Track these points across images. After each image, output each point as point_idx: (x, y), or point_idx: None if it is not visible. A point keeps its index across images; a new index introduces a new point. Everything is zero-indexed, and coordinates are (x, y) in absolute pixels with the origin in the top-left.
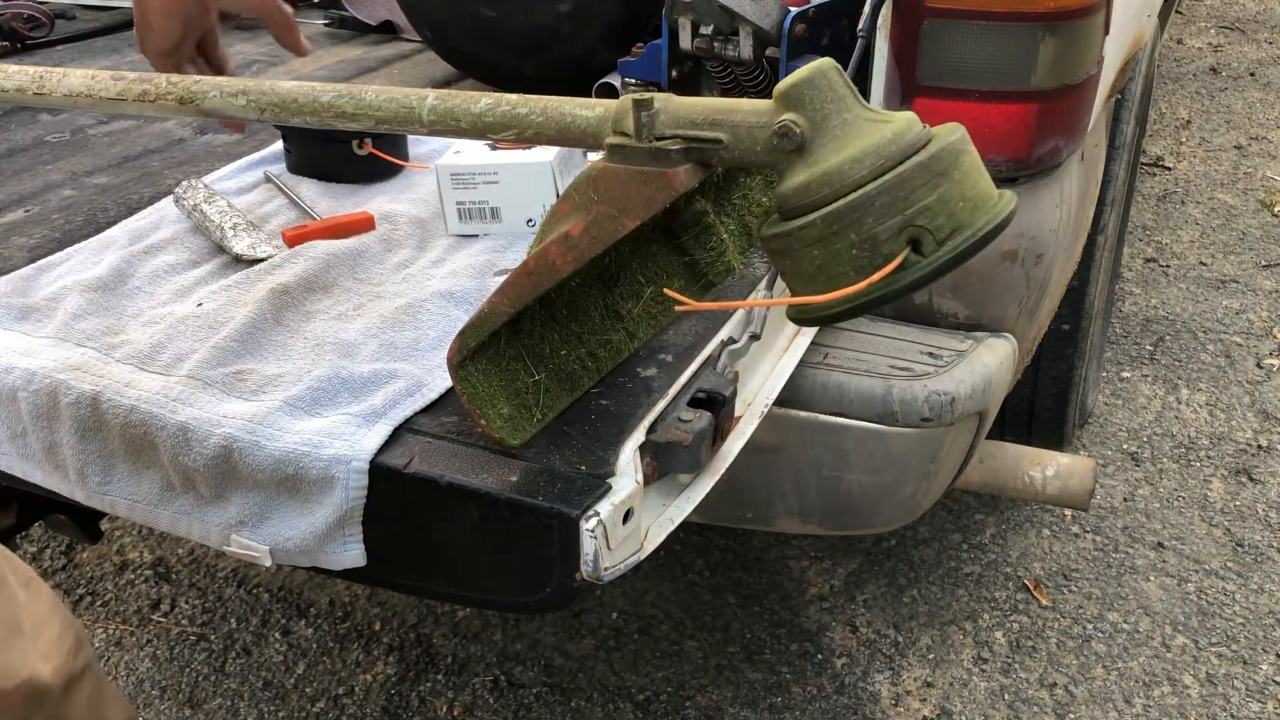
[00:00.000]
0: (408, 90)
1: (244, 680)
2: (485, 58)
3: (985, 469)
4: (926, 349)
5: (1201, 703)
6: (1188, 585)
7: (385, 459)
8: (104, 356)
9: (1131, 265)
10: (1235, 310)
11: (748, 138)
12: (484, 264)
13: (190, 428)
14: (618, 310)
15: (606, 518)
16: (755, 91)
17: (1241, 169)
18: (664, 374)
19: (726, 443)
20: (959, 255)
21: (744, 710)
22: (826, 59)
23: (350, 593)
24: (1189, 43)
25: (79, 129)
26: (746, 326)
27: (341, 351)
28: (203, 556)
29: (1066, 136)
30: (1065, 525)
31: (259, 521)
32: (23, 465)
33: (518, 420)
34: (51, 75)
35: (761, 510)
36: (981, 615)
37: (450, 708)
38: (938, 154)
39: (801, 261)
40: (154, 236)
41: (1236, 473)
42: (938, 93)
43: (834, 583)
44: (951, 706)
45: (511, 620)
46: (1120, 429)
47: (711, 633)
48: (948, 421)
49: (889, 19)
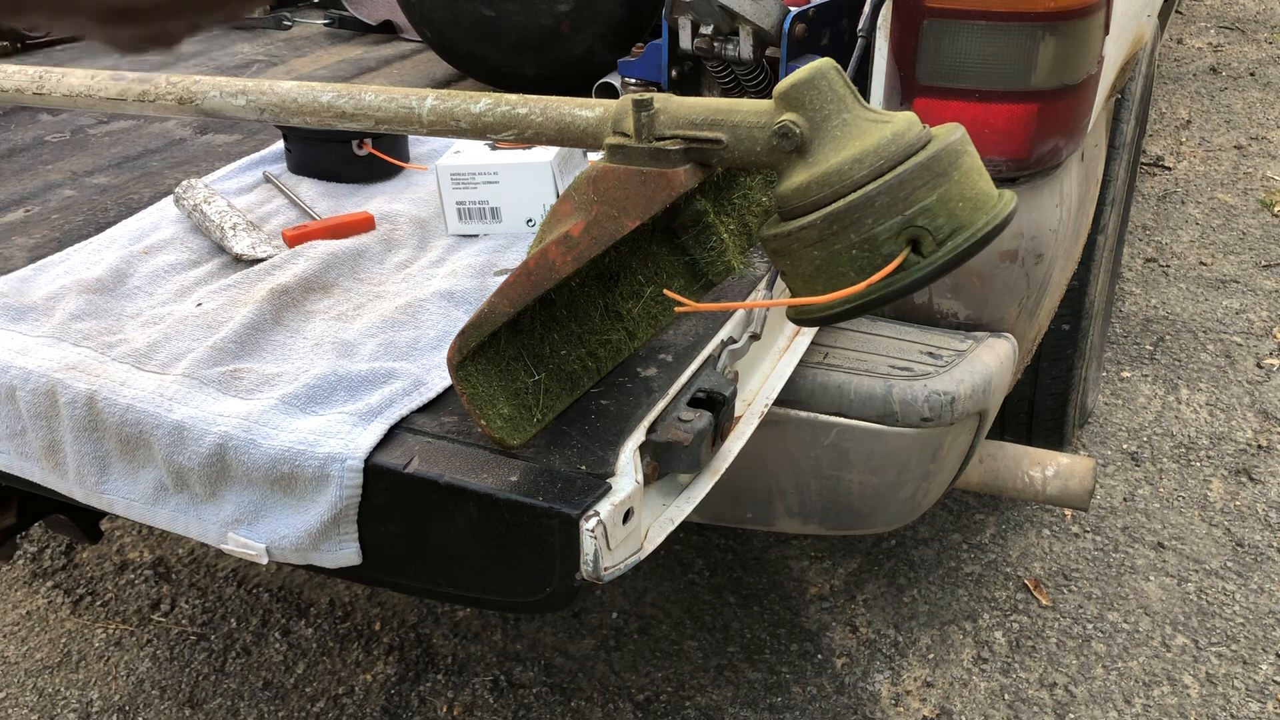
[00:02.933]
0: (408, 90)
1: (244, 680)
2: (485, 58)
3: (985, 469)
4: (926, 349)
5: (1201, 703)
6: (1188, 585)
7: (384, 459)
8: (100, 356)
9: (1131, 265)
10: (1235, 310)
11: (748, 138)
12: (484, 264)
13: (186, 426)
14: (618, 310)
15: (606, 518)
16: (755, 91)
17: (1241, 169)
18: (664, 374)
19: (726, 443)
20: (959, 255)
21: (744, 710)
22: (826, 59)
23: (350, 593)
24: (1189, 43)
25: (79, 129)
26: (746, 326)
27: (340, 351)
28: (203, 556)
29: (1066, 136)
30: (1065, 525)
31: (255, 519)
32: (22, 464)
33: (518, 420)
34: (51, 75)
35: (761, 510)
36: (981, 615)
37: (450, 708)
38: (937, 154)
39: (801, 262)
40: (154, 236)
41: (1236, 473)
42: (938, 93)
43: (834, 583)
44: (951, 706)
45: (511, 620)
46: (1120, 429)
47: (711, 633)
48: (948, 421)
49: (889, 19)
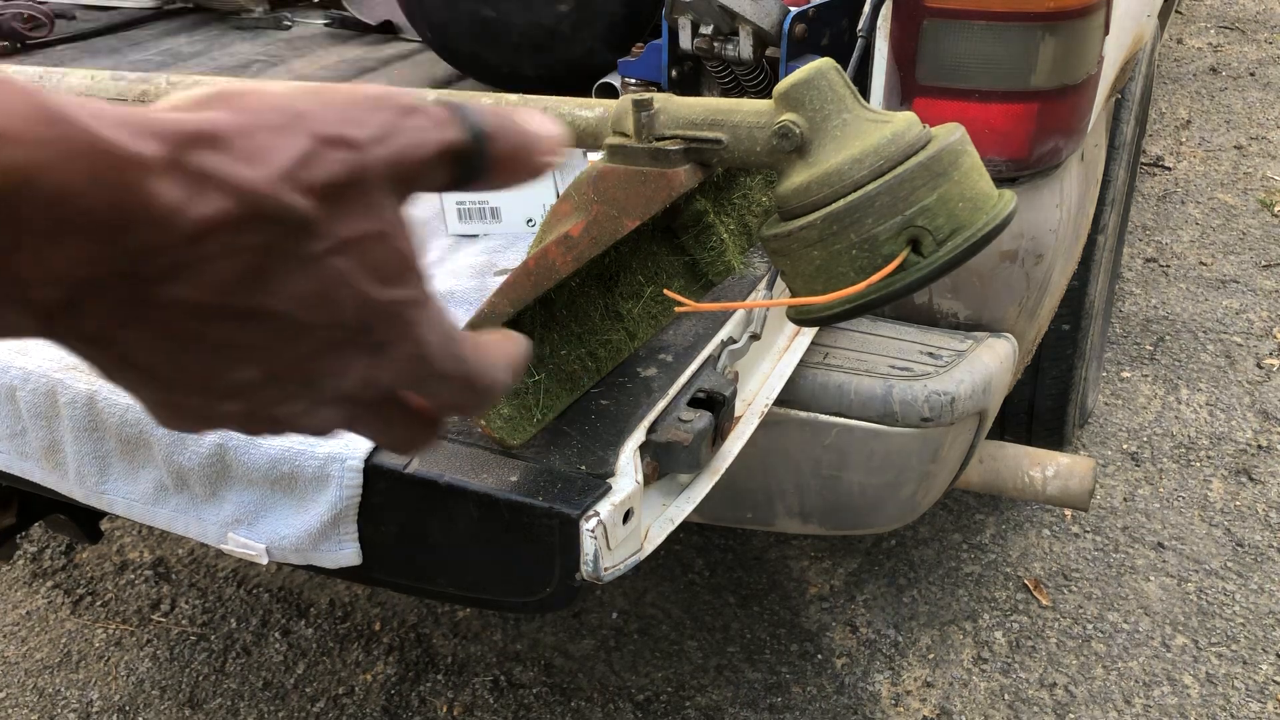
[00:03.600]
0: (408, 90)
1: (244, 680)
2: (485, 58)
3: (985, 469)
4: (926, 349)
5: (1201, 703)
6: (1188, 585)
7: (384, 459)
8: None
9: (1131, 265)
10: (1235, 310)
11: (747, 138)
12: (484, 264)
13: None
14: (618, 310)
15: (606, 518)
16: (755, 91)
17: (1241, 169)
18: (664, 374)
19: (726, 443)
20: (959, 255)
21: (744, 710)
22: (826, 59)
23: (350, 593)
24: (1189, 43)
25: None
26: (746, 326)
27: None
28: (203, 556)
29: (1066, 136)
30: (1065, 525)
31: (255, 520)
32: (22, 464)
33: (518, 420)
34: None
35: (761, 510)
36: (981, 615)
37: (450, 708)
38: (937, 154)
39: (801, 262)
40: None
41: (1236, 473)
42: (938, 93)
43: (834, 583)
44: (951, 706)
45: (511, 620)
46: (1120, 429)
47: (711, 633)
48: (948, 421)
49: (889, 19)
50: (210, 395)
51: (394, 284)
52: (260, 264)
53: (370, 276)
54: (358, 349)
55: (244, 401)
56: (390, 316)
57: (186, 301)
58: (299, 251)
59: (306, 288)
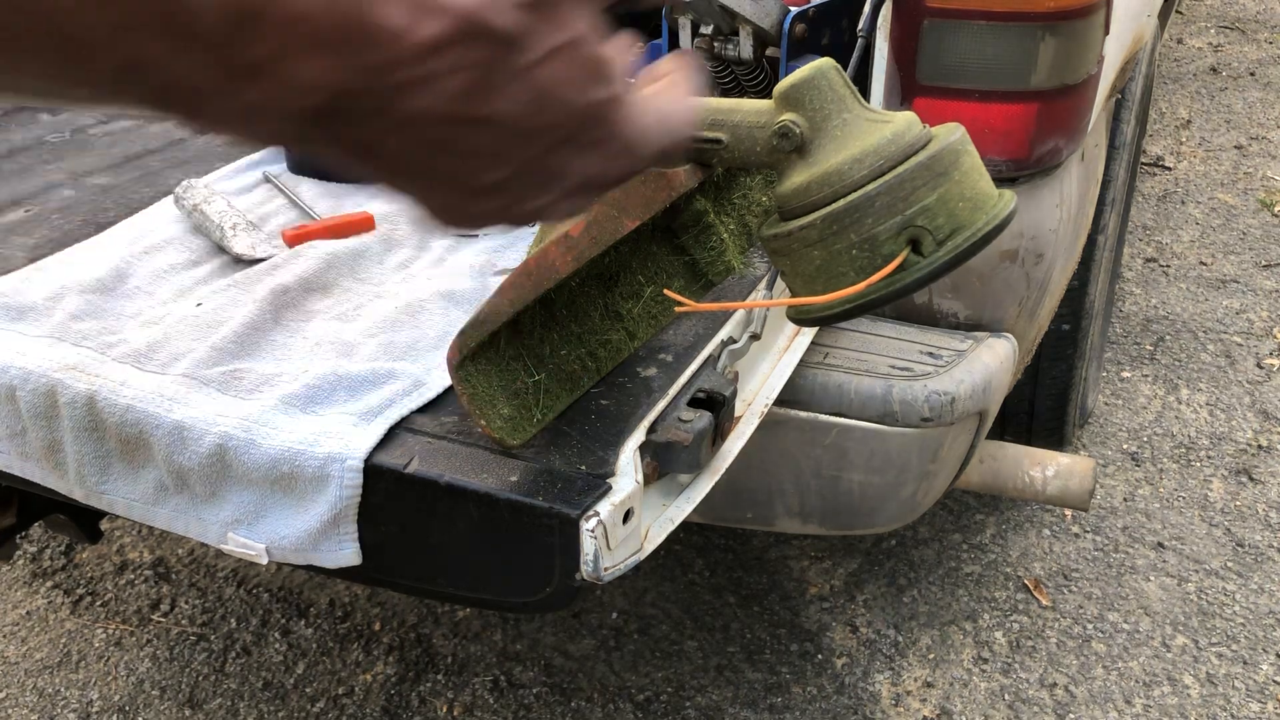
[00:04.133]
0: None
1: (244, 680)
2: None
3: (985, 469)
4: (926, 349)
5: (1201, 703)
6: (1188, 585)
7: (384, 459)
8: (100, 356)
9: (1131, 265)
10: (1235, 310)
11: (747, 138)
12: (484, 264)
13: (185, 426)
14: (618, 310)
15: (606, 518)
16: (755, 91)
17: (1241, 169)
18: (664, 374)
19: (726, 443)
20: (959, 255)
21: (744, 710)
22: (826, 59)
23: (350, 593)
24: (1189, 43)
25: (79, 129)
26: (746, 326)
27: (340, 351)
28: (202, 556)
29: (1066, 136)
30: (1065, 525)
31: (255, 520)
32: (22, 464)
33: (518, 420)
34: None
35: (761, 510)
36: (981, 615)
37: (450, 708)
38: (938, 154)
39: (801, 262)
40: (154, 236)
41: (1236, 473)
42: (938, 93)
43: (834, 583)
44: (951, 706)
45: (511, 620)
46: (1120, 429)
47: (711, 633)
48: (948, 421)
49: (889, 19)
50: (474, 195)
51: (596, 86)
52: (482, 77)
53: (575, 82)
54: (580, 146)
55: (502, 198)
56: (597, 117)
57: (428, 112)
58: (512, 64)
59: (524, 95)
